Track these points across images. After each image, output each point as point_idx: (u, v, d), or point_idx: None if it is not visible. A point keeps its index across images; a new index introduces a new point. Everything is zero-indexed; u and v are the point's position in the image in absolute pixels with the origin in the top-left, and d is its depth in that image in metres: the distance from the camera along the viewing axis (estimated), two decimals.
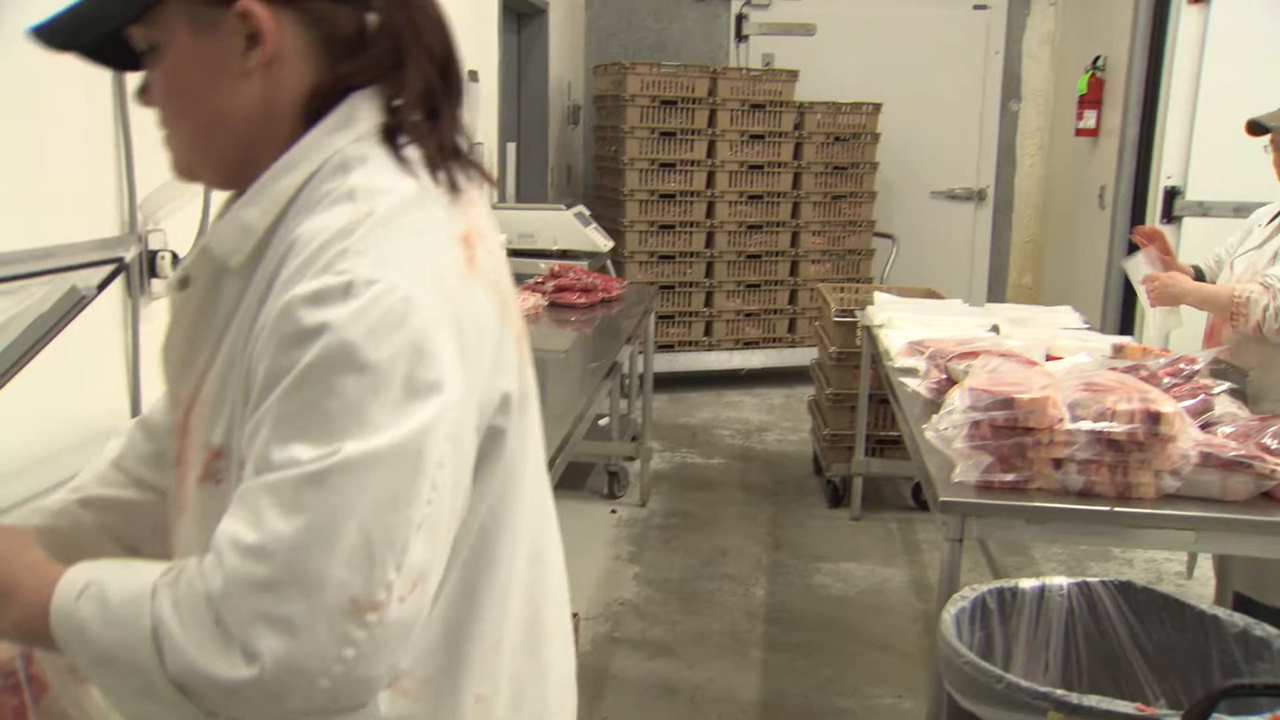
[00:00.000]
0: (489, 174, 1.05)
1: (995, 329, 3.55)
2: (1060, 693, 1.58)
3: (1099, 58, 6.07)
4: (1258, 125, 2.84)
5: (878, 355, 3.59)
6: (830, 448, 4.74)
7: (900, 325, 3.67)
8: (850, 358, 4.59)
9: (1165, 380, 2.55)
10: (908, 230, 7.10)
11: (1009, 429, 2.14)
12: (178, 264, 1.88)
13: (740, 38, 7.34)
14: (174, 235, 2.24)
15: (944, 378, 2.76)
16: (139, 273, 2.17)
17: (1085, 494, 2.14)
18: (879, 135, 6.62)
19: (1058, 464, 2.14)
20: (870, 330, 3.92)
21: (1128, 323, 5.63)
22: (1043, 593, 2.01)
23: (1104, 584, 2.02)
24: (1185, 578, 4.06)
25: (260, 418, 0.86)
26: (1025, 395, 2.14)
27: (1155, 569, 4.16)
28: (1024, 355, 2.73)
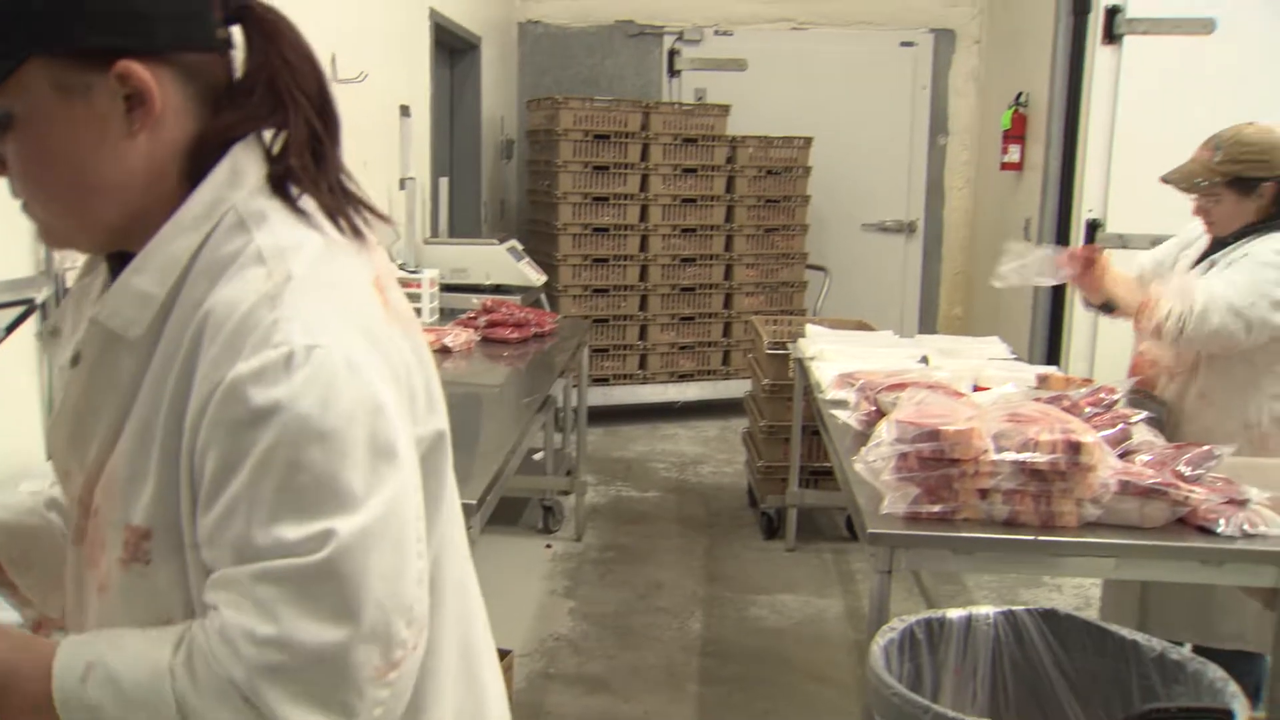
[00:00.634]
0: (380, 212, 1.04)
1: (925, 360, 3.60)
2: None
3: (1021, 94, 6.22)
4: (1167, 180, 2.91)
5: (810, 387, 3.62)
6: (764, 480, 4.76)
7: (831, 357, 3.71)
8: (783, 390, 4.62)
9: (1087, 410, 2.59)
10: (840, 262, 7.19)
11: (935, 460, 2.16)
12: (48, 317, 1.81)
13: (673, 73, 7.42)
14: None
15: (874, 409, 2.79)
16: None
17: (1010, 523, 2.17)
18: (810, 169, 6.71)
19: (983, 494, 2.17)
20: (802, 362, 3.96)
21: (1054, 352, 5.73)
22: (970, 622, 2.03)
23: (1029, 612, 2.04)
24: None
25: (230, 505, 0.85)
26: (951, 427, 2.17)
27: (1084, 594, 4.22)
28: (951, 386, 2.77)
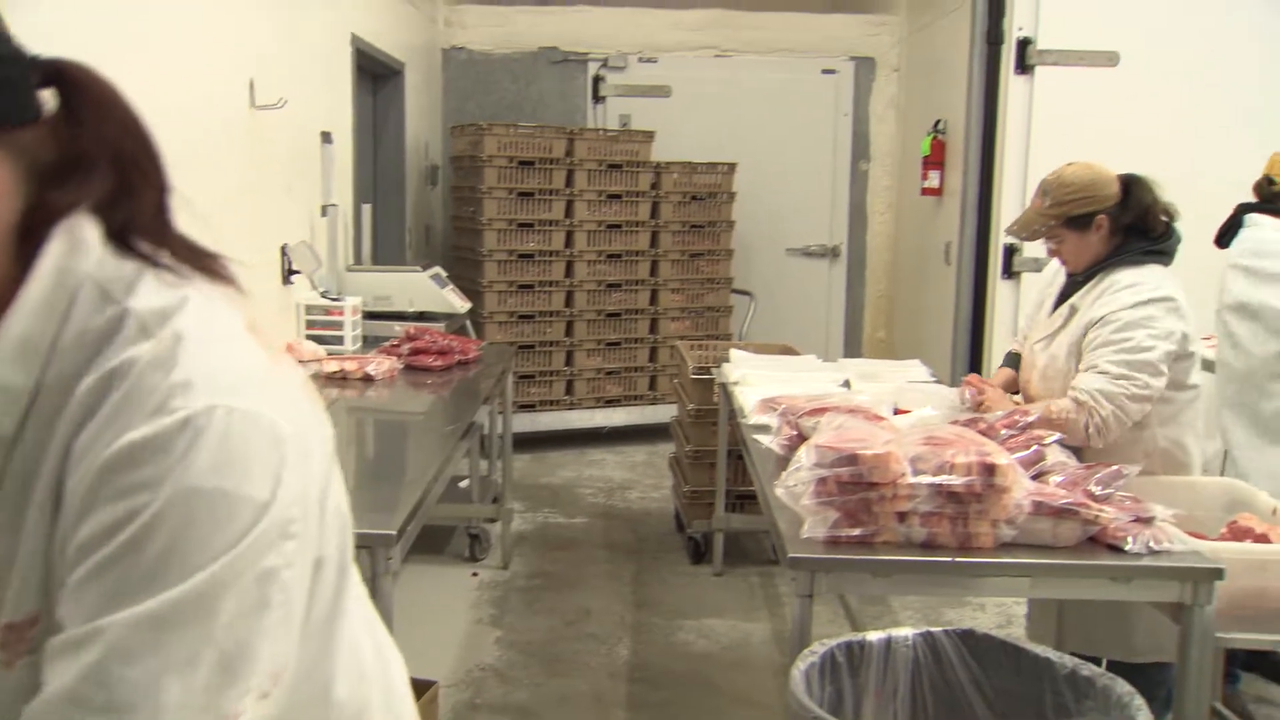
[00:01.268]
0: (224, 255, 1.00)
1: (846, 384, 3.65)
2: None
3: (939, 121, 6.35)
4: (1010, 232, 3.01)
5: (735, 412, 3.65)
6: (691, 504, 4.78)
7: (754, 382, 3.74)
8: (708, 415, 4.65)
9: (1002, 432, 2.64)
10: (765, 287, 7.25)
11: (854, 485, 2.19)
12: None
13: (597, 99, 7.45)
14: None
15: (795, 434, 2.82)
16: None
17: (929, 545, 2.20)
18: (735, 194, 6.77)
19: (902, 517, 2.20)
20: (726, 387, 3.98)
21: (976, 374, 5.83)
22: (889, 645, 2.05)
23: (947, 633, 2.08)
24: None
25: (98, 568, 0.81)
26: (869, 451, 2.19)
27: (1006, 612, 4.28)
28: (871, 410, 2.81)
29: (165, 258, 0.92)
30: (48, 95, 0.92)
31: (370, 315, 4.67)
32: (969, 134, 5.82)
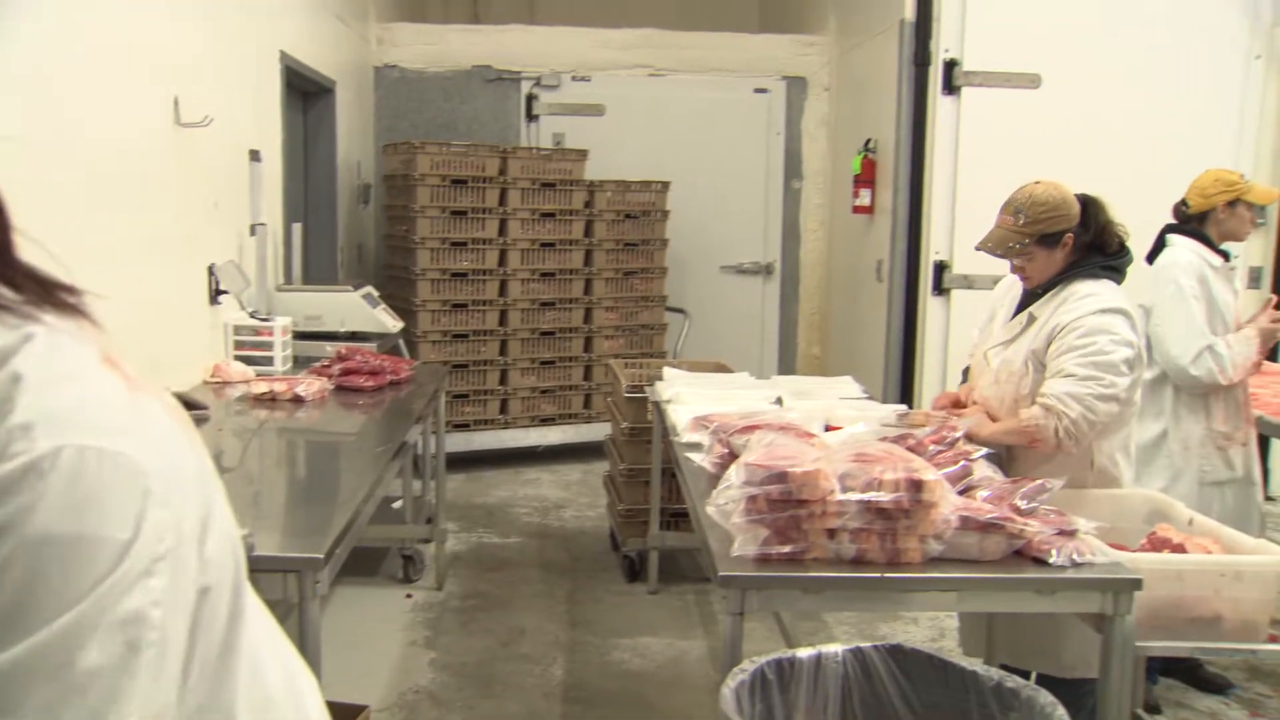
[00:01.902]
0: (71, 285, 0.95)
1: (779, 401, 3.67)
2: None
3: (870, 140, 6.43)
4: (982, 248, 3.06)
5: (668, 430, 3.65)
6: (626, 523, 4.77)
7: (687, 400, 3.75)
8: (642, 433, 4.65)
9: (930, 448, 2.67)
10: (699, 304, 7.29)
11: (784, 502, 2.20)
12: None
13: (531, 117, 7.45)
14: None
15: (727, 452, 2.82)
16: None
17: (858, 561, 2.22)
18: (668, 212, 6.80)
19: (831, 534, 2.22)
20: (660, 405, 3.99)
21: (907, 391, 5.91)
22: (819, 661, 2.07)
23: (876, 648, 2.09)
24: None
25: None
26: (798, 469, 2.21)
27: (939, 625, 4.33)
28: (802, 427, 2.83)
29: (6, 295, 0.87)
30: None
31: (301, 335, 4.62)
32: (898, 153, 5.91)
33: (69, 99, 3.08)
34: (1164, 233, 3.73)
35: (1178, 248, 3.64)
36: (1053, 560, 2.20)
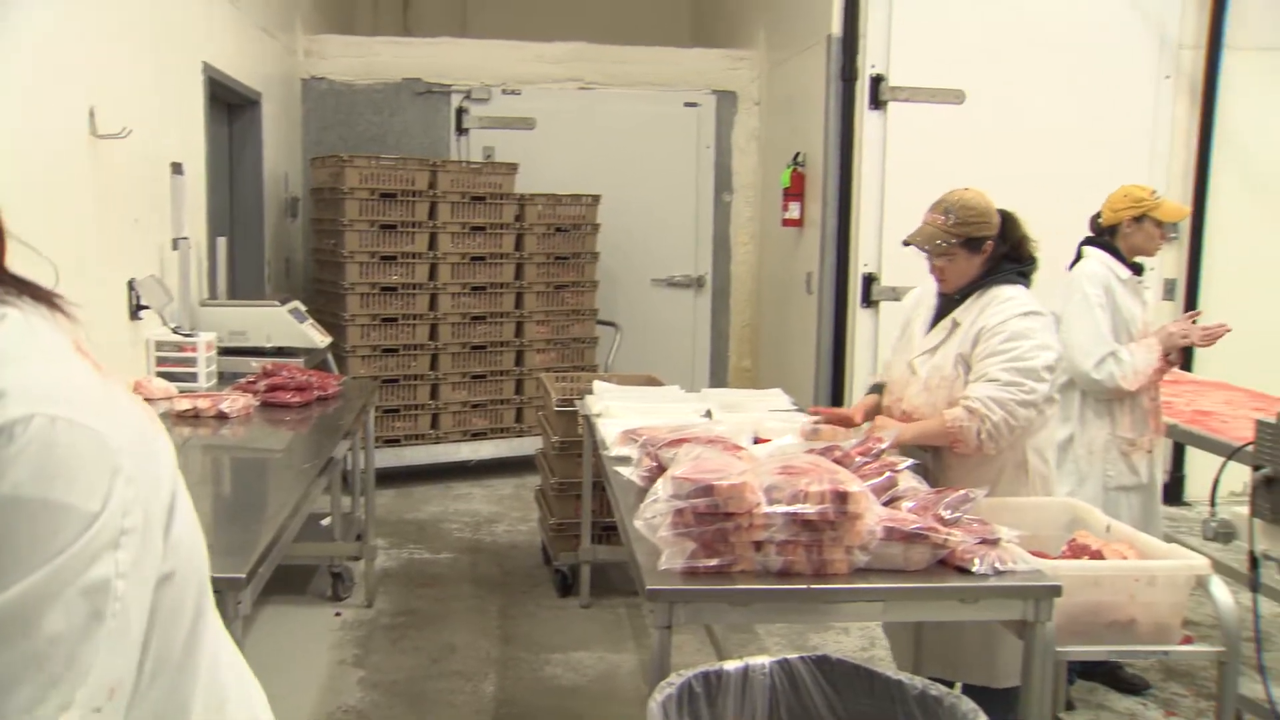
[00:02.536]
0: (49, 289, 1.00)
1: (709, 414, 3.69)
2: None
3: (799, 154, 6.50)
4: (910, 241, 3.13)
5: (598, 444, 3.65)
6: (557, 537, 4.76)
7: (617, 414, 3.75)
8: (573, 446, 4.64)
9: (857, 460, 2.70)
10: (631, 318, 7.30)
11: (710, 515, 2.21)
12: None
13: (460, 131, 7.42)
14: None
15: (655, 465, 2.83)
16: None
17: (785, 573, 2.23)
18: (599, 226, 6.81)
19: (758, 546, 2.23)
20: (590, 419, 3.99)
21: (838, 402, 5.97)
22: (746, 673, 2.08)
23: (803, 659, 2.11)
24: None
25: None
26: (724, 482, 2.22)
27: (869, 635, 4.37)
28: (731, 440, 2.84)
29: None
30: None
31: (226, 351, 4.54)
32: (827, 166, 5.99)
33: None
34: (1080, 244, 3.84)
35: (1089, 259, 3.77)
36: (975, 569, 2.24)
